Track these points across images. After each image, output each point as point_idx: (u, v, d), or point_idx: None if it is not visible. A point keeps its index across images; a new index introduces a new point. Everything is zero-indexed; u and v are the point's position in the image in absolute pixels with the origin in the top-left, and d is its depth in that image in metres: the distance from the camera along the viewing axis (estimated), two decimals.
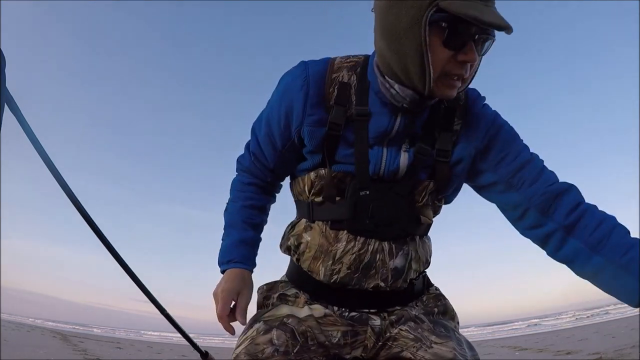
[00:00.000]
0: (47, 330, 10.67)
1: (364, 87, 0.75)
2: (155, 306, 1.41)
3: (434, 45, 0.64)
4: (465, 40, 0.64)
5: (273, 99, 0.82)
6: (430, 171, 0.77)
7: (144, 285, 1.35)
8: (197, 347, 1.54)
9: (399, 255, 0.75)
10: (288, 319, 0.75)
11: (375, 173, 0.74)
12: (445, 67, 0.66)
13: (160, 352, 7.45)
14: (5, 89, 0.97)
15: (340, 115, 0.74)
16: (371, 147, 0.74)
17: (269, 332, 0.72)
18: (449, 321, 0.81)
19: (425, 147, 0.74)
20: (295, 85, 0.76)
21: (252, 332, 0.74)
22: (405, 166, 0.75)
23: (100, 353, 5.99)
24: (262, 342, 0.70)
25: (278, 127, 0.79)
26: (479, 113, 0.78)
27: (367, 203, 0.73)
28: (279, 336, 0.71)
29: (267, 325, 0.73)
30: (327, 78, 0.76)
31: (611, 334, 5.84)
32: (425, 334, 0.74)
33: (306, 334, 0.74)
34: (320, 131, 0.75)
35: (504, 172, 0.76)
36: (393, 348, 0.76)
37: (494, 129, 0.77)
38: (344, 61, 0.77)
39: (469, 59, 0.64)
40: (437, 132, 0.76)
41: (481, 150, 0.77)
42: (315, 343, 0.74)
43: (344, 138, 0.75)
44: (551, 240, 0.73)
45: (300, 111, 0.76)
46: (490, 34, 0.65)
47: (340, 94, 0.74)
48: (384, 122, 0.73)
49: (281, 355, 0.69)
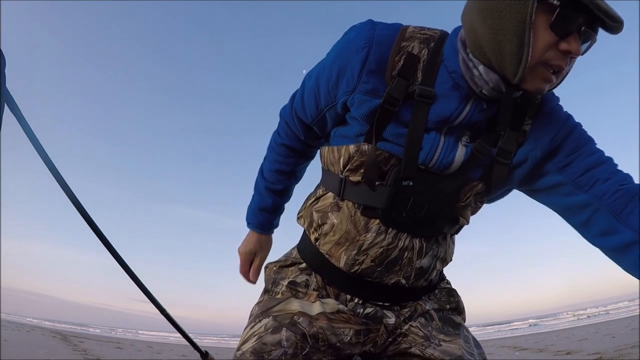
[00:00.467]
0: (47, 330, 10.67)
1: (436, 64, 0.65)
2: (155, 306, 1.41)
3: (539, 26, 0.55)
4: (572, 28, 0.56)
5: (330, 54, 0.72)
6: (483, 171, 0.68)
7: (144, 285, 1.35)
8: (197, 347, 1.54)
9: (427, 256, 0.70)
10: (299, 318, 0.71)
11: (425, 162, 0.65)
12: (545, 54, 0.57)
13: (160, 352, 7.45)
14: (5, 89, 0.97)
15: (400, 89, 0.64)
16: (428, 132, 0.65)
17: (278, 332, 0.69)
18: (456, 316, 0.81)
19: (486, 145, 0.66)
20: (356, 44, 0.66)
21: (260, 328, 0.70)
22: (460, 161, 0.66)
23: (100, 353, 5.99)
24: (270, 342, 0.68)
25: (326, 85, 0.71)
26: (551, 112, 0.69)
27: (409, 195, 0.65)
28: (288, 338, 0.68)
29: (276, 322, 0.70)
30: (395, 45, 0.65)
31: (611, 334, 5.84)
32: (434, 333, 0.74)
33: (317, 336, 0.71)
34: (373, 102, 0.65)
35: (573, 171, 0.67)
36: (402, 344, 0.75)
37: (566, 129, 0.69)
38: (417, 31, 0.67)
39: (574, 49, 0.56)
40: (504, 130, 0.66)
41: (549, 152, 0.69)
42: (326, 344, 0.72)
43: (398, 115, 0.65)
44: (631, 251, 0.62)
45: (355, 75, 0.66)
46: (595, 30, 0.57)
47: (406, 66, 0.64)
48: (450, 106, 0.64)
49: (289, 358, 0.67)
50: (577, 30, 0.56)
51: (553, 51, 0.57)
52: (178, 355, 6.78)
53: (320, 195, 0.77)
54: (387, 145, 0.66)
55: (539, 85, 0.60)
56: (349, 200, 0.70)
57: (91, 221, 1.20)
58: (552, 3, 0.55)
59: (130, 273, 1.30)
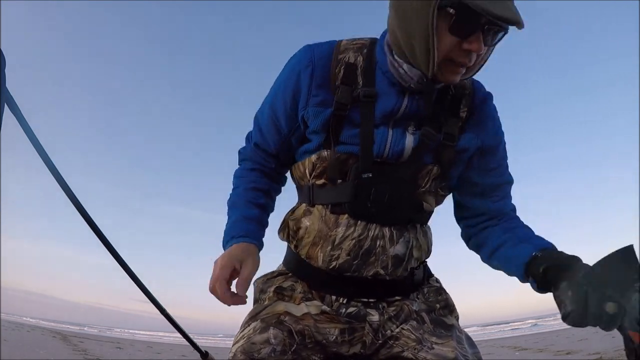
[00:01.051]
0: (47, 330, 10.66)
1: (371, 67, 0.75)
2: (155, 306, 1.41)
3: (441, 30, 0.64)
4: (473, 29, 0.63)
5: (278, 83, 0.81)
6: (435, 155, 0.76)
7: (144, 285, 1.35)
8: (197, 347, 1.54)
9: (399, 242, 0.74)
10: (285, 317, 0.74)
11: (380, 154, 0.73)
12: (449, 53, 0.66)
13: (160, 352, 7.44)
14: (5, 89, 0.97)
15: (346, 95, 0.73)
16: (377, 127, 0.73)
17: (265, 331, 0.71)
18: (449, 317, 0.81)
19: (432, 130, 0.74)
20: (300, 66, 0.76)
21: (249, 331, 0.73)
22: (410, 148, 0.74)
23: (100, 353, 5.98)
24: (259, 341, 0.70)
25: (284, 109, 0.78)
26: (487, 109, 0.80)
27: (370, 186, 0.72)
28: (276, 335, 0.71)
29: (264, 324, 0.73)
30: (333, 59, 0.75)
31: (611, 334, 5.77)
32: (426, 336, 0.74)
33: (303, 333, 0.73)
34: (326, 112, 0.74)
35: (489, 182, 0.81)
36: (394, 347, 0.75)
37: (497, 139, 0.81)
38: (350, 43, 0.77)
39: (474, 48, 0.64)
40: (444, 116, 0.75)
41: (483, 150, 0.79)
42: (313, 341, 0.74)
43: (349, 118, 0.74)
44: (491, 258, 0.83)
45: (306, 91, 0.75)
46: (501, 26, 0.64)
47: (347, 74, 0.74)
48: (390, 102, 0.73)
49: (278, 355, 0.69)
50: (479, 29, 0.63)
51: (457, 50, 0.65)
52: (178, 355, 6.78)
53: (294, 208, 0.83)
54: (345, 147, 0.74)
55: (450, 78, 0.69)
56: (318, 204, 0.77)
57: (91, 221, 1.20)
58: (445, 10, 0.62)
59: (130, 273, 1.30)
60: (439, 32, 0.64)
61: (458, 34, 0.64)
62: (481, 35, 0.64)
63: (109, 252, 1.25)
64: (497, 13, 0.60)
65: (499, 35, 0.67)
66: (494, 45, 0.69)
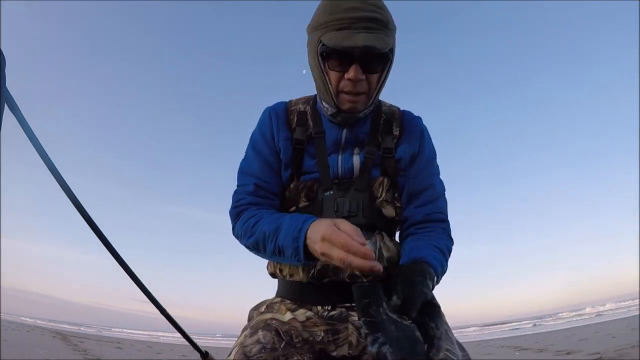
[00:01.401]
0: (47, 330, 10.68)
1: (316, 113, 0.93)
2: (155, 306, 1.41)
3: (328, 70, 0.82)
4: (349, 62, 0.79)
5: (254, 135, 0.96)
6: (381, 168, 0.90)
7: (144, 285, 1.35)
8: (197, 347, 1.54)
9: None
10: (272, 321, 0.81)
11: (335, 175, 0.88)
12: (340, 85, 0.82)
13: (160, 352, 7.45)
14: (5, 89, 0.97)
15: (302, 134, 0.90)
16: (329, 155, 0.89)
17: (255, 334, 0.77)
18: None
19: (372, 149, 0.89)
20: (266, 117, 0.95)
21: (242, 339, 0.79)
22: (358, 165, 0.88)
23: (100, 353, 5.99)
24: (250, 343, 0.76)
25: (267, 147, 0.92)
26: (415, 124, 0.95)
27: (332, 200, 0.85)
28: (264, 335, 0.76)
29: (253, 329, 0.79)
30: (288, 110, 0.95)
31: (611, 334, 5.85)
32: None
33: (290, 332, 0.79)
34: (289, 147, 0.90)
35: (415, 186, 0.92)
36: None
37: (424, 149, 0.94)
38: (298, 99, 0.97)
39: (351, 77, 0.79)
40: (381, 136, 0.91)
41: (413, 156, 0.92)
42: (301, 340, 0.78)
43: (307, 152, 0.90)
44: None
45: (276, 129, 0.92)
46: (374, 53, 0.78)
47: (300, 119, 0.92)
48: (334, 135, 0.90)
49: (268, 352, 0.73)
50: (355, 61, 0.78)
51: (344, 81, 0.81)
52: (178, 355, 6.79)
53: None
54: (307, 176, 0.89)
55: (350, 106, 0.84)
56: None
57: (91, 221, 1.20)
58: (322, 53, 0.81)
59: (130, 273, 1.30)
60: (328, 72, 0.82)
61: (337, 69, 0.81)
62: (358, 66, 0.79)
63: (109, 252, 1.25)
64: (347, 45, 0.75)
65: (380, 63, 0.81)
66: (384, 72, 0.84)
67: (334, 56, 0.80)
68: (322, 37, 0.79)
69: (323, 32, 0.79)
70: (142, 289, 1.36)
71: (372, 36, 0.76)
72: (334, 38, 0.77)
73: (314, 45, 0.82)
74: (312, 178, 0.88)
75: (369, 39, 0.75)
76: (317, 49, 0.81)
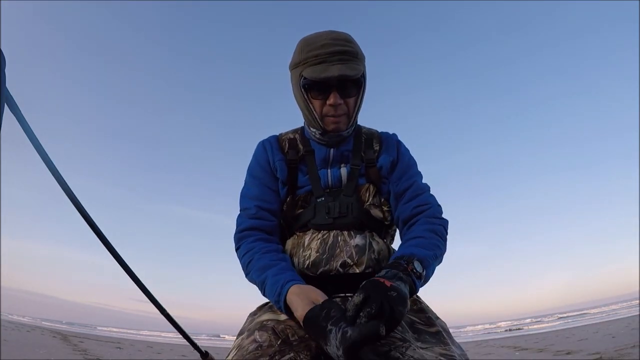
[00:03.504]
0: (47, 330, 10.67)
1: (305, 138, 1.05)
2: (155, 306, 1.41)
3: (311, 99, 0.94)
4: (328, 90, 0.91)
5: (251, 164, 1.06)
6: (366, 177, 1.01)
7: (144, 285, 1.35)
8: (197, 347, 1.54)
9: (357, 236, 0.93)
10: (268, 322, 0.83)
11: (326, 186, 0.99)
12: (323, 111, 0.94)
13: (160, 352, 7.45)
14: (5, 89, 0.97)
15: (294, 155, 1.02)
16: (319, 169, 1.01)
17: (252, 335, 0.80)
18: (435, 322, 0.85)
19: (357, 161, 1.01)
20: (260, 148, 1.07)
21: (239, 341, 0.81)
22: (345, 175, 1.00)
23: (100, 353, 5.98)
24: (247, 343, 0.78)
25: (264, 172, 1.03)
26: (391, 139, 1.08)
27: (324, 204, 0.96)
28: (261, 335, 0.79)
29: (250, 331, 0.82)
30: (279, 139, 1.07)
31: (611, 334, 5.85)
32: (412, 340, 0.76)
33: (286, 331, 0.80)
34: (284, 166, 1.01)
35: (400, 188, 1.00)
36: (380, 346, 0.76)
37: (401, 149, 1.06)
38: (287, 131, 1.10)
39: (332, 102, 0.91)
40: (364, 152, 1.02)
41: (393, 162, 1.02)
42: (297, 338, 0.79)
43: (300, 170, 1.01)
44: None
45: (270, 156, 1.03)
46: (349, 80, 0.91)
47: (291, 144, 1.05)
48: (322, 153, 1.01)
49: (265, 349, 0.75)
50: (333, 89, 0.91)
51: (326, 107, 0.93)
52: (178, 355, 6.79)
53: None
54: (302, 190, 1.00)
55: (333, 127, 0.96)
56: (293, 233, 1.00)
57: (91, 221, 1.20)
58: (304, 85, 0.93)
59: (130, 273, 1.30)
60: (311, 101, 0.94)
61: (318, 97, 0.93)
62: (336, 93, 0.91)
63: (109, 252, 1.25)
64: (323, 76, 0.88)
65: (354, 88, 0.93)
66: (360, 95, 0.96)
67: (315, 87, 0.92)
68: (302, 72, 0.91)
69: (303, 68, 0.92)
70: (142, 289, 1.36)
71: (345, 66, 0.89)
72: (313, 72, 0.89)
73: (296, 80, 0.94)
74: (306, 191, 1.00)
75: (343, 69, 0.88)
76: (300, 82, 0.93)
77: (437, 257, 0.87)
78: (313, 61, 0.90)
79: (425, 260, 0.82)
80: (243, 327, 0.90)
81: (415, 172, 1.04)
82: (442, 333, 0.82)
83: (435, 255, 0.86)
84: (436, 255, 0.87)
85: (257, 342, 0.77)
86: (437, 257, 0.87)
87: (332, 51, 0.89)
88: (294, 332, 0.80)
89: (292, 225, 1.00)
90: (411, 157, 1.07)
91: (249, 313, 0.96)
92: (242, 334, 0.83)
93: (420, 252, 0.84)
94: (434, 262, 0.86)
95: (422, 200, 0.98)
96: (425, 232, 0.91)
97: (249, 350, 0.75)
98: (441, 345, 0.77)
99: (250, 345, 0.76)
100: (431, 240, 0.89)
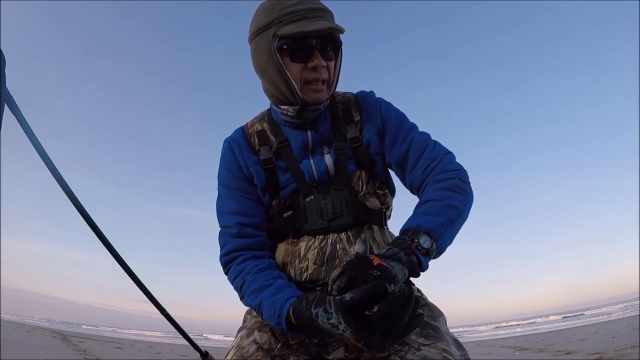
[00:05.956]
0: (47, 330, 10.66)
1: (274, 124, 0.90)
2: (155, 306, 1.41)
3: (287, 64, 0.80)
4: (310, 51, 0.79)
5: (220, 175, 0.93)
6: (355, 161, 0.88)
7: (144, 285, 1.35)
8: (197, 347, 1.54)
9: (357, 242, 0.78)
10: (266, 322, 0.79)
11: (312, 180, 0.86)
12: (302, 77, 0.80)
13: (160, 352, 7.44)
14: (5, 89, 0.97)
15: (267, 153, 0.88)
16: (300, 162, 0.87)
17: (251, 335, 0.78)
18: (438, 319, 0.81)
19: (340, 143, 0.87)
20: (227, 150, 0.92)
21: (238, 340, 0.79)
22: (332, 164, 0.86)
23: (100, 353, 5.98)
24: (247, 344, 0.76)
25: (239, 180, 0.90)
26: (370, 101, 0.92)
27: (314, 205, 0.84)
28: (261, 336, 0.77)
29: (249, 330, 0.80)
30: (246, 134, 0.92)
31: (611, 334, 5.84)
32: (413, 337, 0.73)
33: (285, 334, 0.78)
34: (260, 171, 0.88)
35: (397, 156, 0.88)
36: (378, 352, 0.73)
37: (384, 110, 0.91)
38: (252, 120, 0.95)
39: (316, 64, 0.79)
40: (344, 127, 0.89)
41: (380, 131, 0.90)
42: (297, 342, 0.78)
43: (278, 167, 0.88)
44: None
45: (241, 159, 0.90)
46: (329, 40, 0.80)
47: (261, 138, 0.90)
48: (299, 139, 0.88)
49: (265, 352, 0.74)
50: (314, 49, 0.79)
51: (306, 72, 0.80)
52: (178, 355, 6.78)
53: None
54: (285, 190, 0.88)
55: (315, 96, 0.82)
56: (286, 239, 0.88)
57: (91, 221, 1.20)
58: (281, 47, 0.79)
59: (130, 273, 1.30)
60: (287, 66, 0.80)
61: (299, 59, 0.79)
62: (318, 53, 0.79)
63: (109, 252, 1.25)
64: (310, 29, 0.75)
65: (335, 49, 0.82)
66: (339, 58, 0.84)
67: (295, 47, 0.79)
68: (278, 32, 0.78)
69: (278, 28, 0.78)
70: (142, 289, 1.36)
71: (329, 22, 0.78)
72: (296, 27, 0.76)
73: (266, 46, 0.80)
74: (290, 190, 0.87)
75: (329, 24, 0.77)
76: (274, 45, 0.79)
77: (453, 219, 0.76)
78: (291, 18, 0.78)
79: (436, 230, 0.73)
80: (242, 324, 0.89)
81: (408, 128, 0.90)
82: (444, 329, 0.80)
83: (450, 219, 0.76)
84: (451, 219, 0.76)
85: (257, 344, 0.76)
86: (452, 220, 0.76)
87: (310, 7, 0.78)
88: (294, 336, 0.79)
89: (284, 229, 0.88)
90: (398, 113, 0.92)
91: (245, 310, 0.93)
92: (241, 332, 0.82)
93: (429, 220, 0.74)
94: (449, 227, 0.76)
95: (428, 158, 0.85)
96: (435, 193, 0.79)
97: (250, 352, 0.74)
98: (443, 342, 0.75)
99: (251, 347, 0.76)
100: (444, 201, 0.77)
